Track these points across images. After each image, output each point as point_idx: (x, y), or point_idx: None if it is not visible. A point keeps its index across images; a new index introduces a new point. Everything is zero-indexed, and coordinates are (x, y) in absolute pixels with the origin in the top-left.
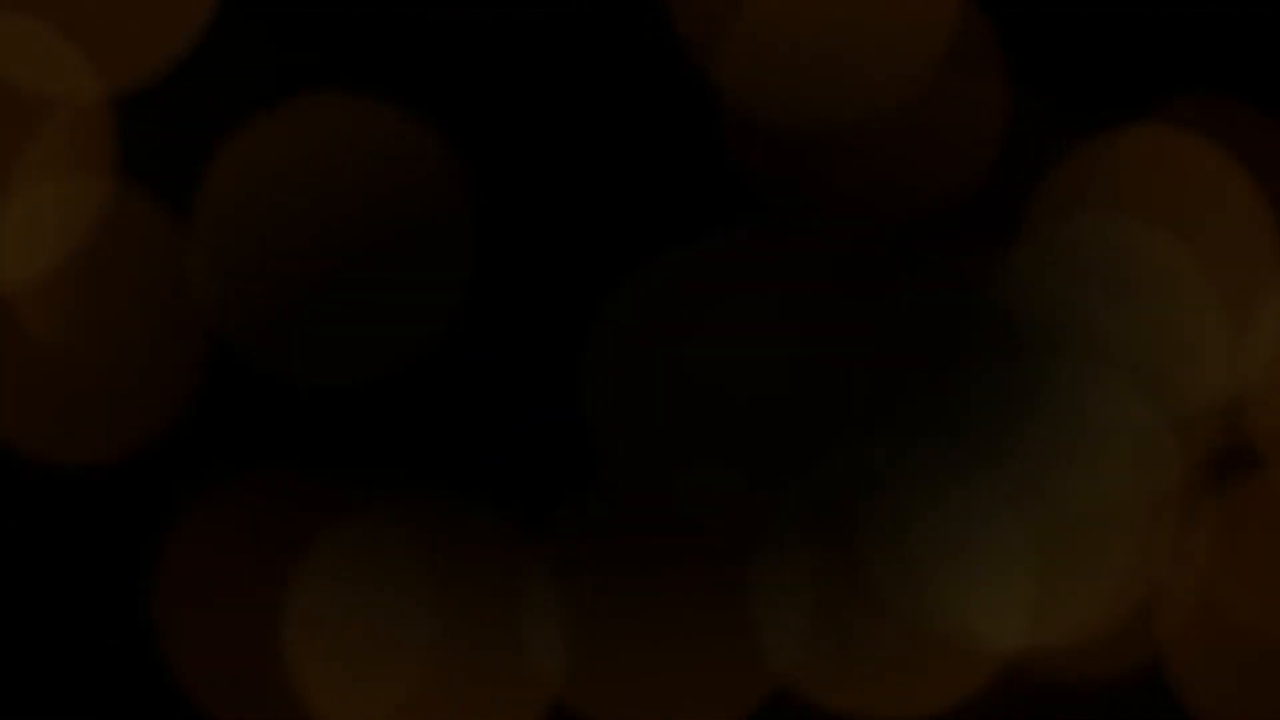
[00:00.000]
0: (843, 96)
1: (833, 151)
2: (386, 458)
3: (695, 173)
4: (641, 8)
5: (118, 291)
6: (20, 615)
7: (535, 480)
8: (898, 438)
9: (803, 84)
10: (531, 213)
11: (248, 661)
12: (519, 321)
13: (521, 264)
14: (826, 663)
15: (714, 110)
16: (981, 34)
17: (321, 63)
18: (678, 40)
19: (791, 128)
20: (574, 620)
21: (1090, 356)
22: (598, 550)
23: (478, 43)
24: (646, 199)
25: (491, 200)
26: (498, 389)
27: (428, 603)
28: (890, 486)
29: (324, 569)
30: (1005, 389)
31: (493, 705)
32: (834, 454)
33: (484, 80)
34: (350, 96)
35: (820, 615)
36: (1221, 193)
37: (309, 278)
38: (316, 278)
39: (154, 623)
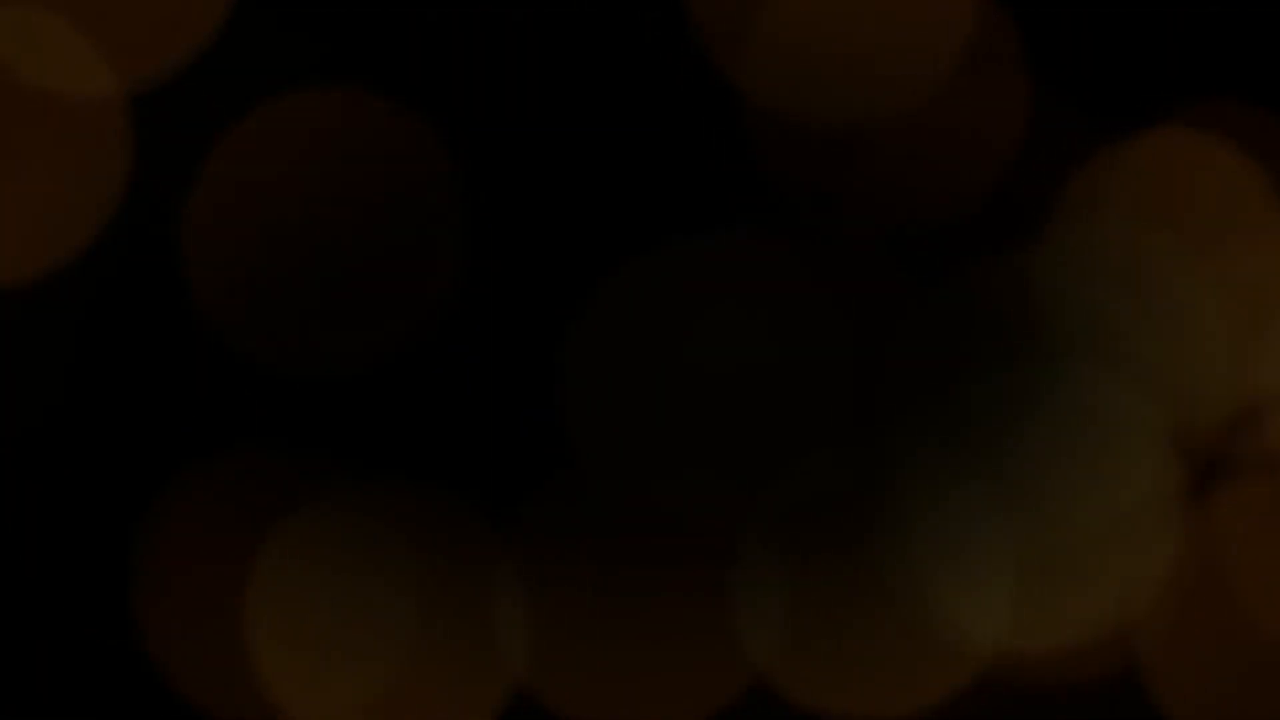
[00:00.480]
0: (861, 96)
1: (850, 151)
2: (360, 448)
3: (699, 171)
4: (659, 6)
5: (121, 285)
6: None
7: (510, 473)
8: (890, 438)
9: (821, 83)
10: (522, 209)
11: (219, 648)
12: (500, 315)
13: (507, 259)
14: (805, 661)
15: (730, 109)
16: (1002, 36)
17: (320, 59)
18: (695, 39)
19: (809, 127)
20: (544, 613)
21: (1098, 359)
22: (571, 544)
23: (481, 40)
24: (647, 196)
25: (486, 196)
26: (476, 382)
27: (397, 593)
28: (879, 486)
29: (295, 558)
30: (1007, 391)
31: (459, 696)
32: (818, 453)
33: (485, 77)
34: (346, 92)
35: (799, 613)
36: (1240, 196)
37: (300, 272)
38: (308, 272)
39: (133, 609)
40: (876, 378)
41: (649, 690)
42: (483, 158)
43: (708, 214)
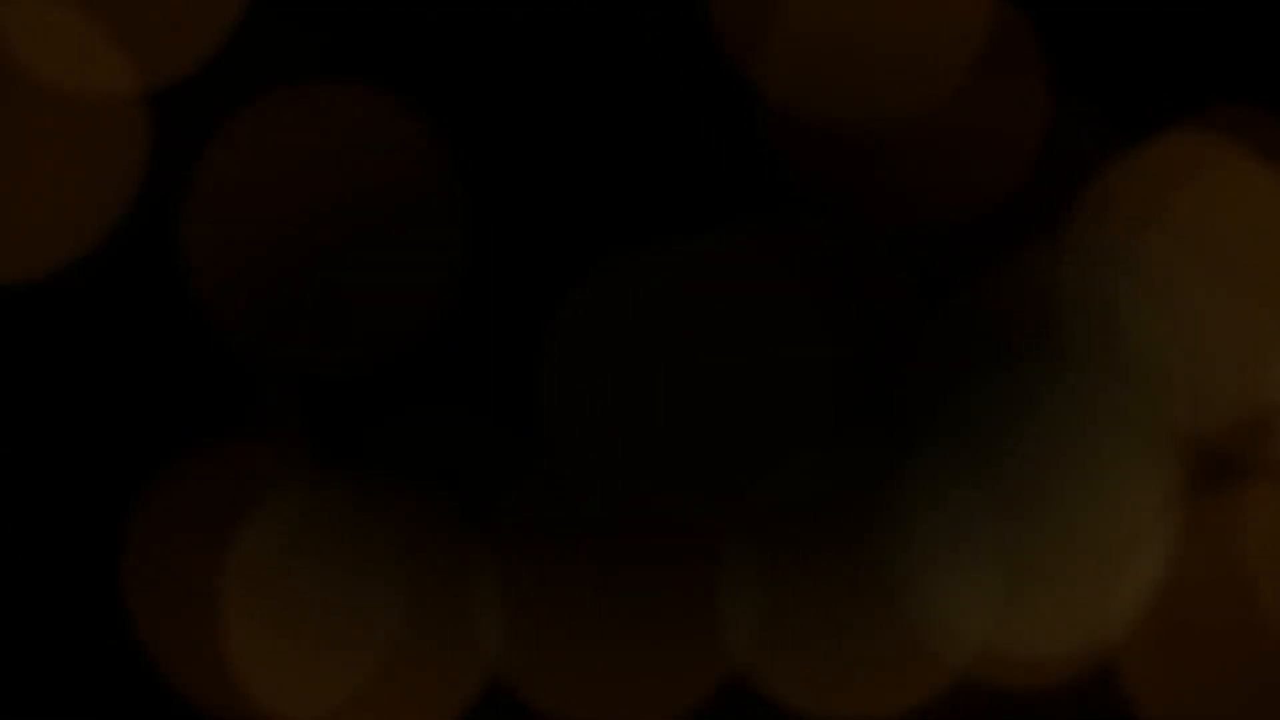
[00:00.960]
0: (877, 96)
1: (865, 151)
2: (341, 443)
3: (707, 170)
4: (670, 3)
5: (120, 283)
6: None
7: (492, 468)
8: (892, 438)
9: (837, 83)
10: (521, 207)
11: (200, 641)
12: (492, 312)
13: (504, 257)
14: (790, 661)
15: (745, 106)
16: (1018, 37)
17: (319, 57)
18: (710, 36)
19: (824, 126)
20: (526, 609)
21: (1107, 362)
22: (554, 540)
23: (481, 39)
24: (651, 195)
25: (486, 194)
26: (461, 378)
27: (377, 588)
28: (873, 486)
29: (274, 552)
30: (1014, 393)
31: (437, 691)
32: (808, 453)
33: (485, 76)
34: (346, 90)
35: (784, 613)
36: (1254, 201)
37: (298, 270)
38: (306, 270)
39: (124, 602)
40: (878, 378)
41: (628, 688)
42: (483, 156)
43: (710, 213)
